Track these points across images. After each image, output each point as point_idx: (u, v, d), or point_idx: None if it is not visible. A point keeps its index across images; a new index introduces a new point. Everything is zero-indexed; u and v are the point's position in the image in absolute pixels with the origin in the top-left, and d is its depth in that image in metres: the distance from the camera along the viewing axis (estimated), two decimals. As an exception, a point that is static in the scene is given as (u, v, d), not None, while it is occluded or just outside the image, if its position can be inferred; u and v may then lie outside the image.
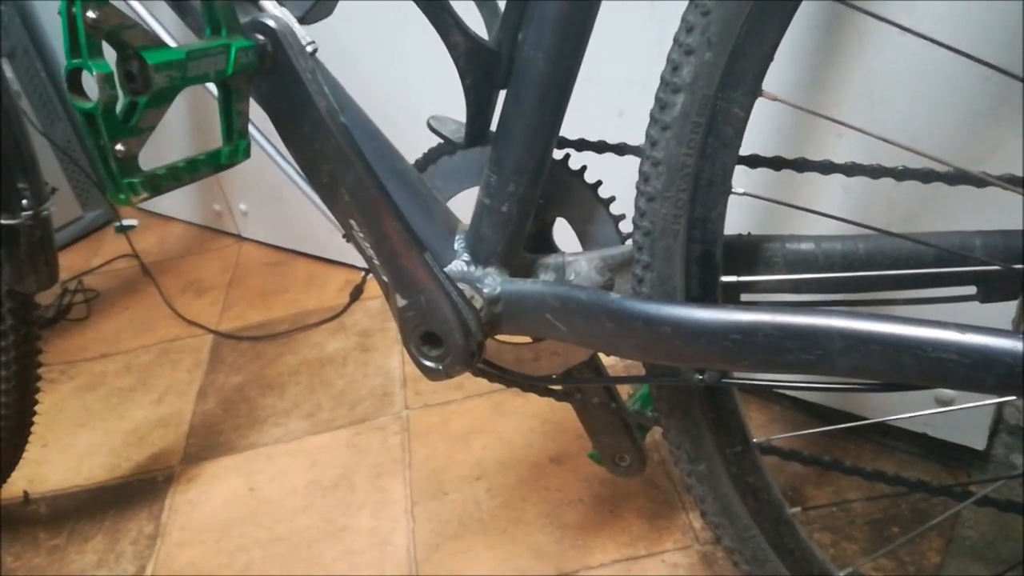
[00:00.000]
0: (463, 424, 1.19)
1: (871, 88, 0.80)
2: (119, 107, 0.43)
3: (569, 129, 0.62)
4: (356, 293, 1.55)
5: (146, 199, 0.45)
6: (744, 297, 0.62)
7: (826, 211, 0.58)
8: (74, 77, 0.42)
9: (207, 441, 1.26)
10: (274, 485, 1.15)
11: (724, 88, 0.51)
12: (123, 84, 0.43)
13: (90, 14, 0.40)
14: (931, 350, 0.46)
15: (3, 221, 0.80)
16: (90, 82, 0.42)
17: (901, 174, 0.59)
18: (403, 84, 1.22)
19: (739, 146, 0.54)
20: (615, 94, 0.99)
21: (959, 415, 0.93)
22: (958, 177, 0.58)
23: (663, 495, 1.02)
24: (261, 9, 0.55)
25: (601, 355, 0.76)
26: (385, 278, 0.61)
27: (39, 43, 1.84)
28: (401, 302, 0.61)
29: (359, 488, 1.12)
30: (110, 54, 0.43)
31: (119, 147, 0.43)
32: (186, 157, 0.48)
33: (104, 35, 0.41)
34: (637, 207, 0.57)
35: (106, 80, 0.41)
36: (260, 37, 0.52)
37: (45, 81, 1.84)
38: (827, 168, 0.61)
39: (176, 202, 1.93)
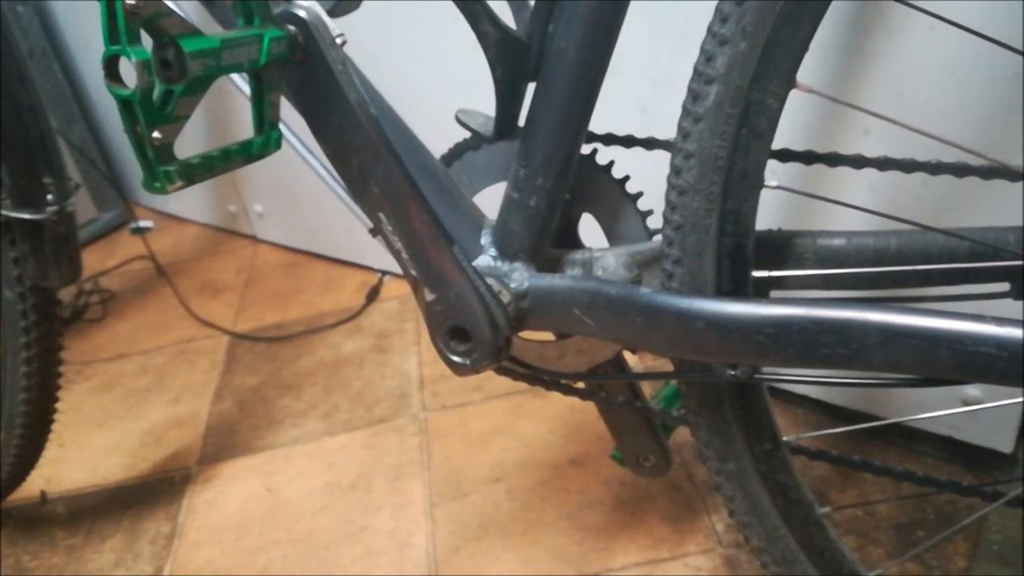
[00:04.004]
0: (482, 425, 1.18)
1: (901, 83, 0.79)
2: (156, 95, 0.42)
3: (592, 124, 0.62)
4: (372, 294, 1.55)
5: (181, 188, 0.45)
6: (773, 293, 0.61)
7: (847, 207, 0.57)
8: (112, 64, 0.41)
9: (224, 441, 1.26)
10: (292, 486, 1.15)
11: (758, 79, 0.51)
12: (159, 72, 0.43)
13: (129, 0, 0.40)
14: (969, 344, 0.46)
15: (28, 216, 0.80)
16: (127, 70, 0.42)
17: (935, 168, 0.58)
18: (425, 81, 1.22)
19: (772, 138, 0.54)
20: (639, 90, 0.99)
21: (986, 419, 0.92)
22: (993, 171, 0.57)
23: (685, 497, 1.01)
24: (291, 0, 0.55)
25: (625, 354, 0.75)
26: (413, 272, 0.60)
27: (57, 44, 1.85)
28: (429, 296, 0.60)
29: (377, 489, 1.11)
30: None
31: (156, 135, 0.43)
32: (219, 147, 0.48)
33: (142, 22, 0.41)
34: (668, 201, 0.56)
35: (144, 67, 0.41)
36: (291, 28, 0.52)
37: (62, 82, 1.85)
38: (859, 162, 0.61)
39: (191, 204, 1.94)
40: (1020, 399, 0.84)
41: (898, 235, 0.58)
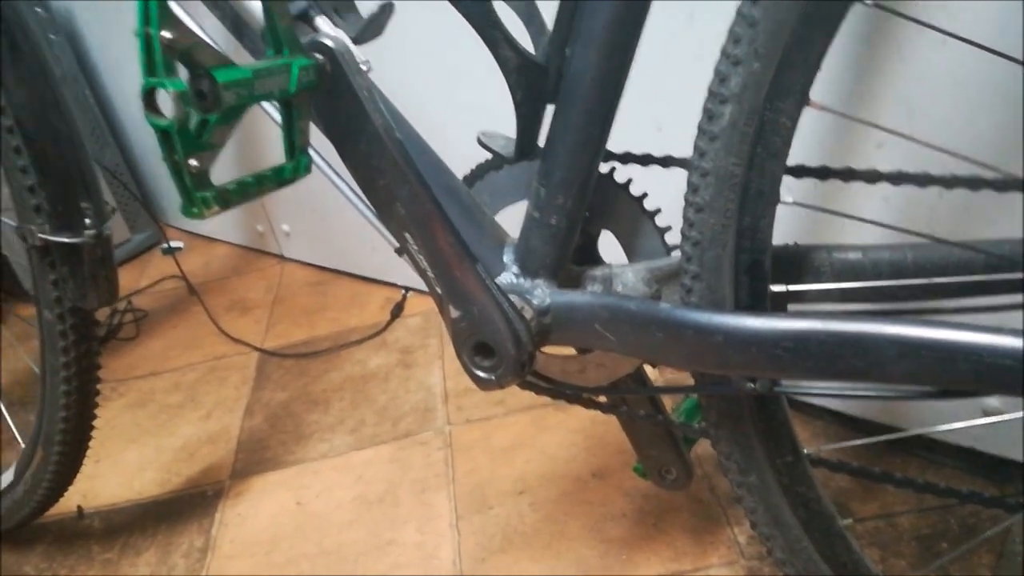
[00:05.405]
0: (505, 439, 1.20)
1: (912, 97, 0.80)
2: (192, 124, 0.45)
3: (610, 144, 0.63)
4: (397, 311, 1.57)
5: (217, 213, 0.47)
6: (791, 307, 0.62)
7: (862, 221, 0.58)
8: (150, 96, 0.44)
9: (255, 456, 1.28)
10: (321, 500, 1.17)
11: (772, 98, 0.52)
12: (195, 102, 0.45)
13: (165, 34, 0.42)
14: (987, 356, 0.46)
15: (67, 239, 0.83)
16: (164, 101, 0.44)
17: (950, 182, 0.59)
18: (447, 105, 1.24)
19: (787, 155, 0.55)
20: (655, 110, 1.00)
21: (1008, 429, 0.92)
22: (1007, 184, 0.58)
23: (707, 510, 1.02)
24: (317, 29, 0.57)
25: (646, 367, 0.76)
26: (439, 290, 0.62)
27: (88, 71, 1.90)
28: (454, 313, 0.62)
29: (404, 503, 1.13)
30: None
31: (192, 162, 0.45)
32: (252, 173, 0.50)
33: (178, 55, 0.43)
34: (686, 218, 0.58)
35: (181, 97, 0.43)
36: (319, 56, 0.54)
37: (94, 107, 1.90)
38: (873, 177, 0.61)
39: (220, 224, 1.98)
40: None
41: (914, 248, 0.59)
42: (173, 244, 1.99)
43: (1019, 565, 0.87)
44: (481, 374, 0.64)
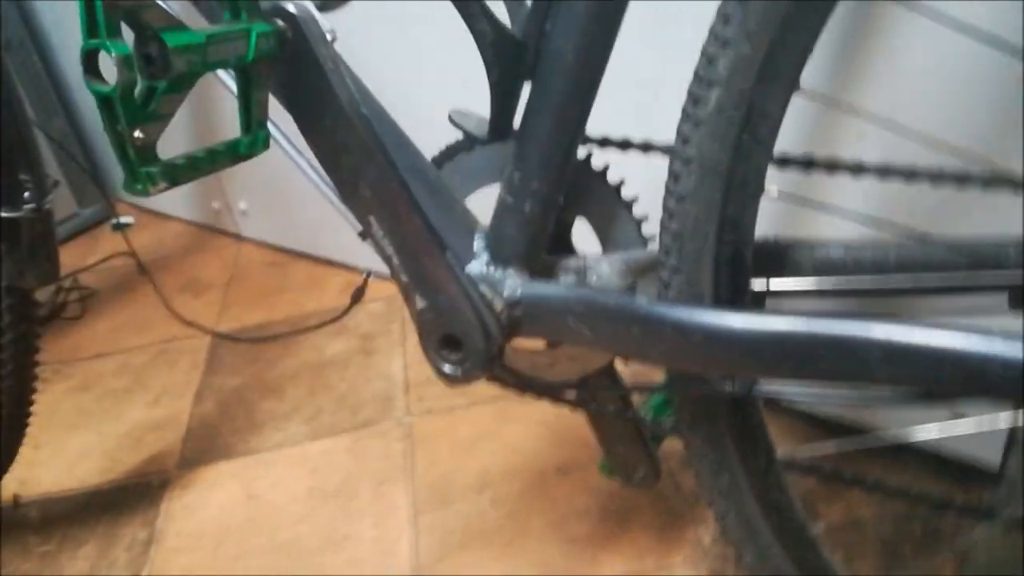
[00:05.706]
0: (468, 431, 1.17)
1: (897, 85, 0.78)
2: (137, 91, 0.40)
3: (587, 127, 0.60)
4: (357, 295, 1.52)
5: (164, 190, 0.43)
6: (769, 302, 0.60)
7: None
8: (91, 59, 0.39)
9: (205, 445, 1.23)
10: (274, 491, 1.12)
11: (761, 82, 0.49)
12: (141, 67, 0.41)
13: (109, -9, 0.38)
14: (975, 360, 0.45)
15: (4, 214, 0.77)
16: (107, 65, 0.40)
17: (937, 177, 0.57)
18: (417, 80, 1.20)
19: (774, 144, 0.52)
20: (636, 93, 0.97)
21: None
22: (995, 180, 0.56)
23: (672, 508, 1.00)
24: (280, -4, 0.53)
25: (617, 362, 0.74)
26: (404, 278, 0.58)
27: (36, 35, 1.81)
28: (421, 303, 0.59)
29: (361, 496, 1.09)
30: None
31: (137, 134, 0.41)
32: (204, 147, 0.46)
33: (123, 15, 0.39)
34: (666, 208, 0.55)
35: (125, 62, 0.39)
36: (280, 23, 0.50)
37: (42, 74, 1.81)
38: (859, 169, 0.59)
39: (174, 200, 1.91)
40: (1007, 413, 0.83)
41: (896, 246, 0.57)
42: (123, 219, 1.91)
43: (983, 567, 0.87)
44: (447, 368, 0.60)
